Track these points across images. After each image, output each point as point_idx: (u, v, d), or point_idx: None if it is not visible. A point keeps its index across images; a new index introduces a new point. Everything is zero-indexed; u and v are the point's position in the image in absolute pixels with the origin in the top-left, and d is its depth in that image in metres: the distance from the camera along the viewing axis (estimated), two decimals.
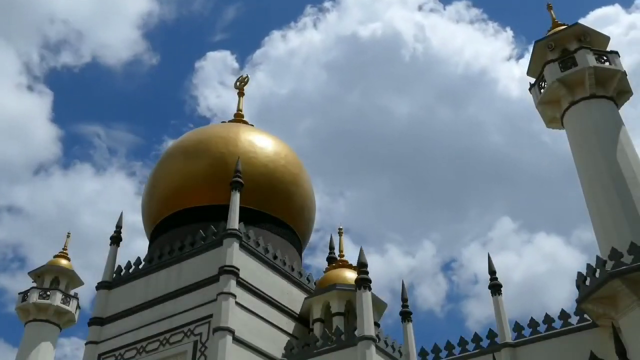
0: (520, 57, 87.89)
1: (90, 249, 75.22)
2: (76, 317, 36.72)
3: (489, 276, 22.26)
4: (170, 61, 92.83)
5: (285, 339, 23.99)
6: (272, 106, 78.17)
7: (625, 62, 23.83)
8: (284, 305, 24.78)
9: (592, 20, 68.44)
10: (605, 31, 24.80)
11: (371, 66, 77.44)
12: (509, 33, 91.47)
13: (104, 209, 78.14)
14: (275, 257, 25.59)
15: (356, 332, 21.40)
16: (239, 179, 25.40)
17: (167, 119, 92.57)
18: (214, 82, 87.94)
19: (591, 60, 22.97)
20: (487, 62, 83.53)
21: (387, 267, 74.42)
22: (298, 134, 77.18)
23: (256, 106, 72.47)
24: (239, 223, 24.23)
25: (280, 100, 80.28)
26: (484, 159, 75.50)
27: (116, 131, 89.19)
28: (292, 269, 26.34)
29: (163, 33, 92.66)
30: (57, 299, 35.54)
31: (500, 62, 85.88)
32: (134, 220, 55.00)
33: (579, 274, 18.84)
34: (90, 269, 75.29)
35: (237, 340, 21.70)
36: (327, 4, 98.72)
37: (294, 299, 25.63)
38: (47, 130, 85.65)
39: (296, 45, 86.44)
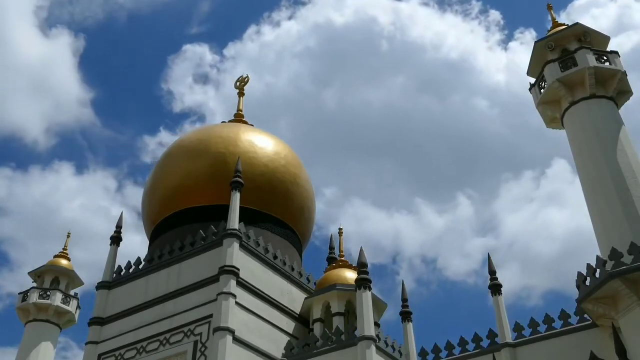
0: (508, 39, 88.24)
1: (73, 245, 75.25)
2: (76, 317, 36.74)
3: (489, 276, 22.29)
4: (145, 55, 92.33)
5: (285, 339, 23.98)
6: (252, 100, 78.02)
7: (617, 42, 24.09)
8: (284, 305, 24.77)
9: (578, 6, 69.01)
10: (592, 15, 25.06)
11: (350, 54, 77.52)
12: (495, 14, 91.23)
13: (84, 205, 78.13)
14: (275, 257, 25.59)
15: (356, 332, 21.42)
16: (239, 179, 25.40)
17: (144, 114, 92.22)
18: (189, 77, 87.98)
19: (591, 60, 22.99)
20: (471, 47, 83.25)
21: (419, 230, 74.45)
22: (280, 127, 77.25)
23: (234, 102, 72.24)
24: (239, 223, 24.23)
25: (263, 93, 79.98)
26: (480, 143, 75.62)
27: (95, 127, 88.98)
28: (292, 269, 26.33)
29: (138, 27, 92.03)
30: (57, 299, 35.59)
31: (484, 46, 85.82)
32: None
33: (579, 273, 18.84)
34: (76, 266, 75.18)
35: (237, 340, 21.69)
36: None
37: (294, 299, 25.62)
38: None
39: (272, 38, 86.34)
